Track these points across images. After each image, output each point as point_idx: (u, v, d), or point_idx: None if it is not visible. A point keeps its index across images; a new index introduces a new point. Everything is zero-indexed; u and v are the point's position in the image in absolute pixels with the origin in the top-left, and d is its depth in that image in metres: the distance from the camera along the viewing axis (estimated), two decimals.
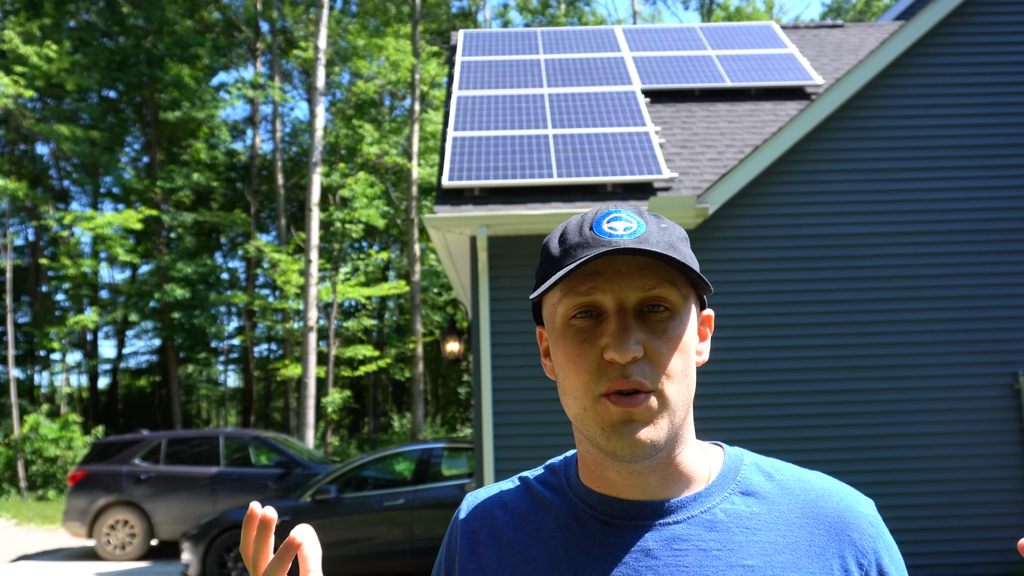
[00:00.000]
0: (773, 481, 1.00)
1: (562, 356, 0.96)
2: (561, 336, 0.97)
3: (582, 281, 0.94)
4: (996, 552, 6.99)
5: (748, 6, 30.91)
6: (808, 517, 0.97)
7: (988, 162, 7.53)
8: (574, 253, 0.95)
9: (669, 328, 0.94)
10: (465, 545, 1.03)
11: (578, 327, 0.95)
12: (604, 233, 0.94)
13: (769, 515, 0.97)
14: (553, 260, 0.97)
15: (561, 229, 1.00)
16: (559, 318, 0.97)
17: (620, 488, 0.98)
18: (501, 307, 7.23)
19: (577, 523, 0.99)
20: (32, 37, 21.34)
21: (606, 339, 0.92)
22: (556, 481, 1.05)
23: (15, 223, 24.22)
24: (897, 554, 0.99)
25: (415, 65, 21.85)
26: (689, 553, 0.94)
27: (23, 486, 17.90)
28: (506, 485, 1.07)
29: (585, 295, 0.94)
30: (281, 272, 20.64)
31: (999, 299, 7.34)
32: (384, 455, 9.46)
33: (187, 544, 9.00)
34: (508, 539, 1.00)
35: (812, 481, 1.00)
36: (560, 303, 0.96)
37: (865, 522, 0.98)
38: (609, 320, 0.93)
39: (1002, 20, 7.77)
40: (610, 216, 0.96)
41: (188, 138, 25.29)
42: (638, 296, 0.93)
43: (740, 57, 9.97)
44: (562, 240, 0.98)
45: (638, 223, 0.95)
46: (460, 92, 9.14)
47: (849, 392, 7.21)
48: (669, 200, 7.12)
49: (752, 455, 1.04)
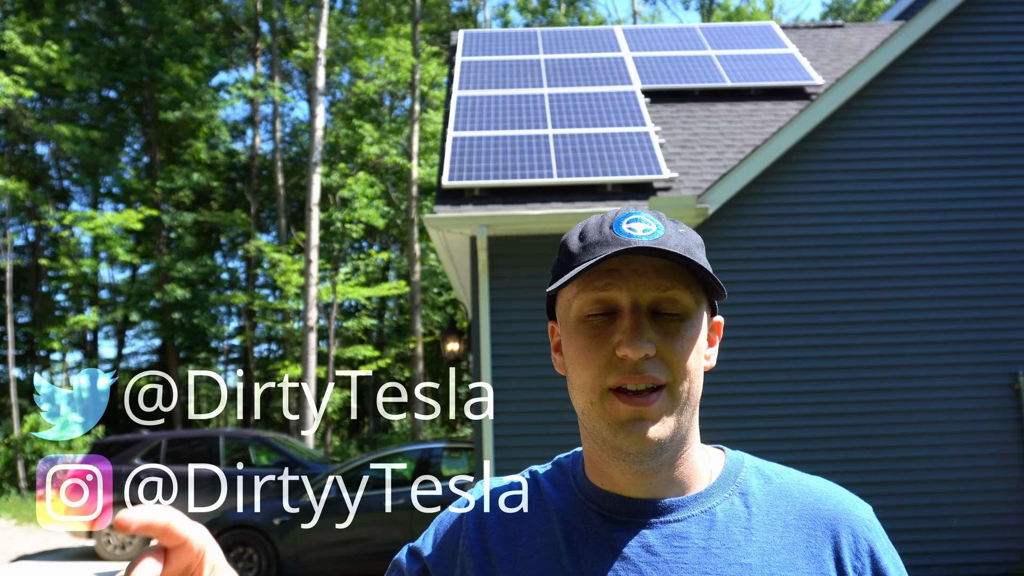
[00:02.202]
0: (772, 484, 1.02)
1: (574, 350, 0.98)
2: (574, 331, 0.98)
3: (599, 277, 0.96)
4: (996, 552, 6.99)
5: (748, 6, 30.91)
6: (806, 519, 0.98)
7: (988, 162, 7.53)
8: (593, 250, 0.96)
9: (682, 329, 0.96)
10: (472, 531, 1.04)
11: (592, 323, 0.97)
12: (623, 233, 0.96)
13: (768, 516, 0.98)
14: (572, 256, 0.99)
15: (581, 227, 1.02)
16: (574, 313, 0.99)
17: (624, 486, 0.99)
18: (501, 307, 7.23)
19: (581, 518, 1.00)
20: (32, 37, 21.33)
21: (619, 336, 0.94)
22: (563, 477, 1.07)
23: (15, 223, 24.21)
24: (896, 556, 1.00)
25: (415, 65, 21.85)
26: (689, 550, 0.96)
27: (23, 486, 17.90)
28: (515, 478, 1.09)
29: (601, 290, 0.96)
30: (281, 272, 20.64)
31: (999, 299, 7.34)
32: (384, 455, 9.46)
33: None
34: (514, 531, 1.02)
35: (811, 484, 1.02)
36: (576, 298, 0.98)
37: (862, 525, 0.99)
38: (623, 318, 0.95)
39: (1002, 20, 7.77)
40: (630, 217, 0.98)
41: (188, 138, 25.28)
42: (653, 296, 0.95)
43: (740, 57, 9.97)
44: (582, 237, 1.00)
45: (657, 226, 0.97)
46: (460, 92, 9.14)
47: (849, 392, 7.21)
48: (669, 200, 7.12)
49: (753, 459, 1.06)
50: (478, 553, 1.02)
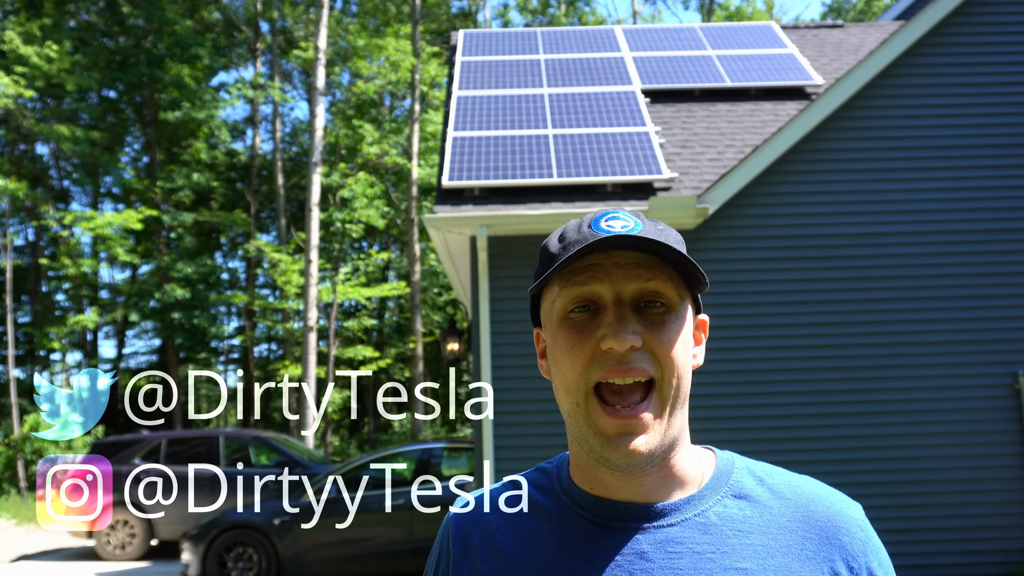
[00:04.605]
0: (764, 485, 1.01)
1: (558, 348, 0.97)
2: (558, 328, 0.98)
3: (580, 272, 0.96)
4: (996, 552, 6.99)
5: (748, 6, 30.90)
6: (799, 521, 0.98)
7: (988, 162, 7.53)
8: (572, 249, 0.96)
9: (667, 321, 0.96)
10: (458, 552, 1.03)
11: (575, 319, 0.96)
12: (602, 230, 0.96)
13: (761, 519, 0.98)
14: (552, 257, 0.99)
15: (560, 230, 1.02)
16: (557, 312, 0.98)
17: (614, 489, 0.99)
18: (501, 307, 7.23)
19: (571, 525, 0.99)
20: (32, 37, 21.33)
21: (603, 329, 0.94)
22: (548, 483, 1.06)
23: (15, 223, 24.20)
24: (886, 558, 1.01)
25: (415, 65, 21.84)
26: (683, 555, 0.95)
27: (23, 486, 17.90)
28: (497, 488, 1.07)
29: (583, 284, 0.95)
30: (281, 272, 20.64)
31: (999, 299, 7.34)
32: (384, 455, 9.46)
33: (187, 544, 9.00)
34: (500, 543, 1.01)
35: (802, 485, 1.02)
36: (559, 297, 0.98)
37: (855, 526, 0.99)
38: (607, 312, 0.95)
39: (1002, 20, 7.77)
40: (609, 216, 0.98)
41: (188, 138, 25.27)
42: (635, 288, 0.95)
43: (740, 57, 9.97)
44: (561, 239, 1.00)
45: (635, 222, 0.97)
46: (460, 92, 9.14)
47: (849, 392, 7.21)
48: (669, 200, 7.12)
49: (742, 459, 1.05)
50: (468, 571, 1.01)
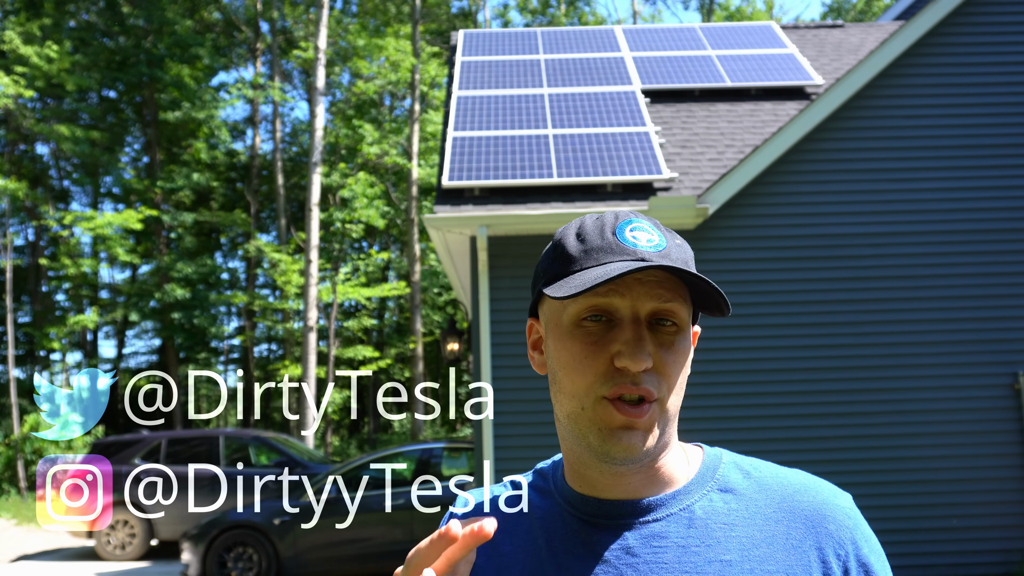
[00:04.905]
0: (751, 478, 1.02)
1: (567, 355, 0.97)
2: (569, 335, 0.97)
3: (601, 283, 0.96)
4: (996, 552, 6.99)
5: (748, 6, 30.90)
6: (785, 511, 0.98)
7: (988, 162, 7.53)
8: (596, 256, 0.95)
9: (676, 342, 0.97)
10: None
11: (588, 329, 0.96)
12: (628, 242, 0.96)
13: (747, 511, 0.98)
14: (571, 258, 0.97)
15: (576, 227, 1.00)
16: (568, 316, 0.97)
17: (601, 488, 1.00)
18: (501, 307, 7.23)
19: (561, 523, 1.01)
20: (32, 37, 21.33)
21: (619, 346, 0.93)
22: (544, 484, 1.07)
23: (15, 223, 24.21)
24: (876, 544, 1.00)
25: (415, 65, 21.84)
26: (669, 550, 0.96)
27: (23, 486, 17.90)
28: (496, 489, 1.08)
29: (603, 296, 0.95)
30: (281, 272, 20.64)
31: (999, 299, 7.34)
32: (384, 455, 9.47)
33: (187, 544, 9.00)
34: (496, 541, 1.01)
35: (789, 477, 1.02)
36: (572, 301, 0.97)
37: (842, 514, 0.99)
38: (623, 328, 0.94)
39: (1002, 20, 7.77)
40: (632, 225, 0.98)
41: (188, 138, 25.28)
42: (652, 306, 0.95)
43: (740, 57, 9.97)
44: (581, 239, 0.98)
45: (660, 237, 0.97)
46: (460, 92, 9.14)
47: (849, 392, 7.21)
48: (669, 200, 7.12)
49: (731, 454, 1.06)
50: None
